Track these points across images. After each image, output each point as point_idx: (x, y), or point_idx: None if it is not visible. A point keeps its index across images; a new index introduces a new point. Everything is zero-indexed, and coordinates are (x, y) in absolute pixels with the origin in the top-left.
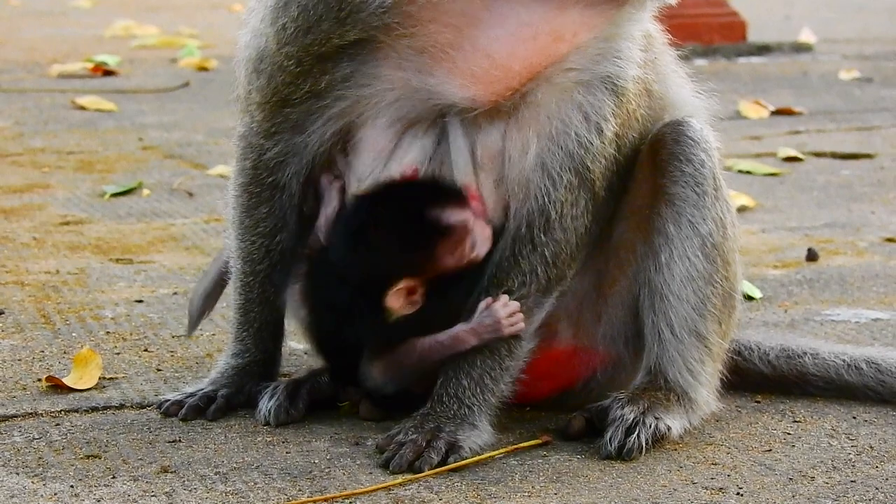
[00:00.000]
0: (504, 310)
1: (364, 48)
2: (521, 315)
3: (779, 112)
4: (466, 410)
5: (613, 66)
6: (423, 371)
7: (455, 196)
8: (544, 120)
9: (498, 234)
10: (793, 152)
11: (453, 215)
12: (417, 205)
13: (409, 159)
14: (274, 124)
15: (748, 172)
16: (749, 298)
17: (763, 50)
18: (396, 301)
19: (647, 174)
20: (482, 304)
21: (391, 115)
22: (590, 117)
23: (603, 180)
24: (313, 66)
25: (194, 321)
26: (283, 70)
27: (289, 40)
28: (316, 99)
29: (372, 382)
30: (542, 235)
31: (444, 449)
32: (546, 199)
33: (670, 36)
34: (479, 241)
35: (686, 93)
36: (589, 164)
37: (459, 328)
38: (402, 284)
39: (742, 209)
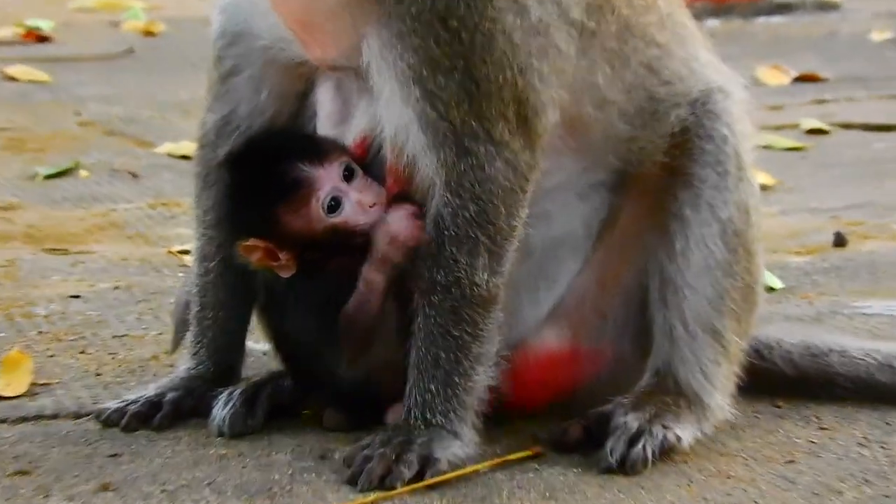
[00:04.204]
0: (394, 225)
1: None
2: (413, 215)
3: (802, 78)
4: (440, 418)
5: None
6: (369, 348)
7: (317, 152)
8: (381, 77)
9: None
10: (817, 124)
11: (298, 170)
12: (271, 157)
13: (363, 125)
14: (213, 95)
15: (767, 147)
16: (769, 289)
17: (783, 8)
18: (250, 253)
19: (659, 153)
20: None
21: (319, 79)
22: (415, 65)
23: (489, 121)
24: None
25: (177, 335)
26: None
27: None
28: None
29: (340, 379)
30: (451, 197)
31: (416, 463)
32: (427, 162)
33: None
34: (350, 210)
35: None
36: (441, 109)
37: (364, 270)
38: (252, 241)
39: (760, 188)
